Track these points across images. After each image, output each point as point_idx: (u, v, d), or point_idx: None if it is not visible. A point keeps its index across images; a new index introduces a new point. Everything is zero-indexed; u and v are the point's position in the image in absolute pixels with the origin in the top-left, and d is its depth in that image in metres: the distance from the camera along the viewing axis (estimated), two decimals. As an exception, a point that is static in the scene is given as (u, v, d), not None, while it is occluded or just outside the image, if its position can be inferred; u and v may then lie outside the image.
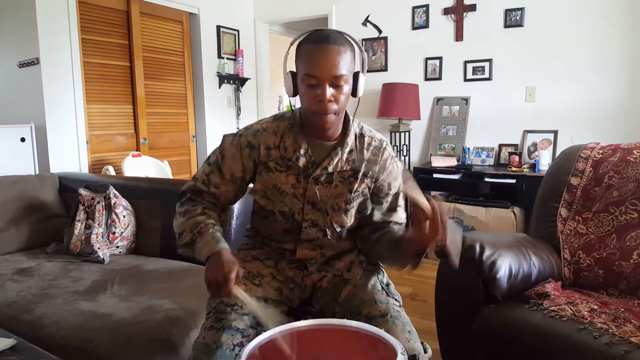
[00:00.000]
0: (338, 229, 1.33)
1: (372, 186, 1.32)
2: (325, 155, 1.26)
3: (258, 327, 1.19)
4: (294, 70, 1.22)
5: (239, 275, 1.10)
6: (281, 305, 1.31)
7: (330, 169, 1.26)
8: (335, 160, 1.26)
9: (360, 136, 1.31)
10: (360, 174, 1.28)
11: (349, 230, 1.36)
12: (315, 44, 1.15)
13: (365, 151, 1.30)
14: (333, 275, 1.34)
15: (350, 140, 1.28)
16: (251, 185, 1.33)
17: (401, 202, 1.37)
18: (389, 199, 1.34)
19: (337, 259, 1.38)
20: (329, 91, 1.14)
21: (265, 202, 1.31)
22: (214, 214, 1.29)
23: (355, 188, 1.28)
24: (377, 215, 1.35)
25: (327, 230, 1.32)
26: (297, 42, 1.23)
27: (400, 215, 1.37)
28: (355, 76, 1.21)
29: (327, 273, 1.35)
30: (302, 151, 1.25)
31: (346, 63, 1.15)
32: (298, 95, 1.22)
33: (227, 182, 1.30)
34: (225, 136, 1.33)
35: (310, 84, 1.15)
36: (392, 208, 1.35)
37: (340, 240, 1.36)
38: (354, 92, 1.23)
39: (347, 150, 1.27)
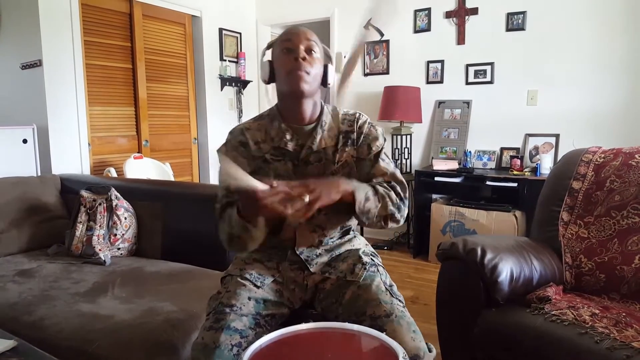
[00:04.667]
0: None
1: (355, 153, 1.38)
2: (309, 137, 1.35)
3: (257, 328, 1.20)
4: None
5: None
6: (282, 306, 1.31)
7: (314, 148, 1.34)
8: (318, 139, 1.34)
9: (335, 114, 1.41)
10: (340, 145, 1.36)
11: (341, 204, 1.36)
12: (289, 28, 1.32)
13: (340, 124, 1.39)
14: (336, 277, 1.35)
15: (327, 118, 1.38)
16: None
17: (384, 156, 1.39)
18: (372, 157, 1.38)
19: (339, 261, 1.38)
20: (303, 52, 1.27)
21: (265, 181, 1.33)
22: None
23: (337, 159, 1.35)
24: (362, 175, 1.37)
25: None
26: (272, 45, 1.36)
27: (382, 168, 1.37)
28: (325, 67, 1.34)
29: (330, 275, 1.35)
30: (288, 136, 1.34)
31: (317, 43, 1.31)
32: (275, 83, 1.34)
33: None
34: (218, 150, 1.39)
35: (286, 47, 1.28)
36: (374, 165, 1.37)
37: (337, 213, 1.35)
38: (324, 82, 1.35)
39: (326, 128, 1.37)
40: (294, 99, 1.31)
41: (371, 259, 1.39)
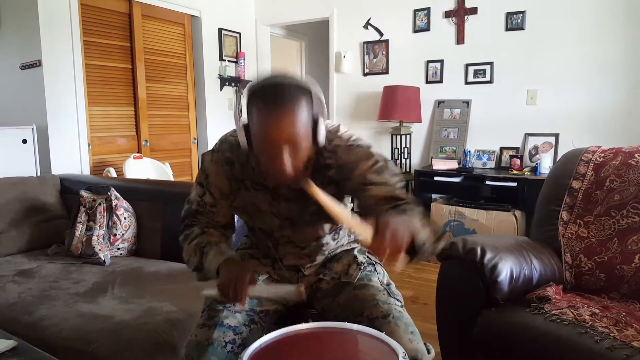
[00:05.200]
0: (314, 243, 1.31)
1: (338, 190, 1.19)
2: None
3: (251, 324, 1.20)
4: (246, 123, 1.11)
5: (253, 278, 1.07)
6: (276, 303, 1.30)
7: (294, 185, 1.16)
8: None
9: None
10: (319, 182, 1.15)
11: (324, 238, 1.33)
12: (266, 106, 1.03)
13: (321, 157, 1.19)
14: (331, 277, 1.34)
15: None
16: None
17: (374, 176, 1.15)
18: (358, 186, 1.16)
19: (334, 262, 1.37)
20: (286, 156, 1.04)
21: (247, 219, 1.32)
22: (215, 231, 1.28)
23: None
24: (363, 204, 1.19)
25: (302, 244, 1.31)
26: (247, 91, 1.11)
27: (375, 193, 1.14)
28: (315, 124, 1.08)
29: (324, 276, 1.35)
30: None
31: (302, 121, 1.03)
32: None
33: (218, 200, 1.27)
34: (204, 155, 1.31)
35: (264, 147, 1.06)
36: (364, 194, 1.17)
37: (319, 250, 1.34)
38: (314, 139, 1.09)
39: (310, 163, 1.16)
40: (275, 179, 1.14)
41: (367, 257, 1.37)
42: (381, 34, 4.24)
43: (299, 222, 1.27)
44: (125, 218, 2.32)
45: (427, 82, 4.06)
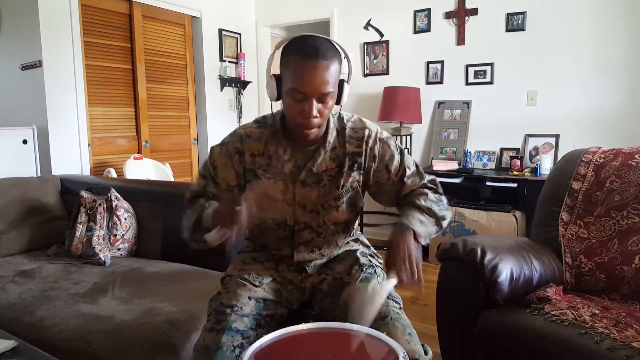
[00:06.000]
0: (332, 227, 1.34)
1: (364, 178, 1.31)
2: (309, 158, 1.27)
3: (258, 328, 1.20)
4: (278, 73, 1.19)
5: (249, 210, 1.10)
6: (280, 307, 1.31)
7: (314, 170, 1.27)
8: (319, 161, 1.27)
9: (342, 130, 1.29)
10: (345, 168, 1.28)
11: (343, 225, 1.38)
12: (304, 58, 1.11)
13: (347, 145, 1.28)
14: (333, 277, 1.35)
15: (332, 138, 1.28)
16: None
17: (408, 171, 1.32)
18: (395, 179, 1.32)
19: (336, 262, 1.38)
20: (316, 107, 1.13)
21: (258, 211, 1.33)
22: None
23: (342, 184, 1.29)
24: (390, 196, 1.35)
25: (320, 229, 1.33)
26: (282, 47, 1.19)
27: (410, 185, 1.33)
28: (341, 85, 1.19)
29: (326, 276, 1.36)
30: (286, 157, 1.26)
31: (333, 78, 1.13)
32: (281, 100, 1.21)
33: (223, 191, 1.32)
34: (212, 147, 1.35)
35: (296, 98, 1.13)
36: (402, 186, 1.33)
37: (335, 235, 1.37)
38: (337, 101, 1.21)
39: (329, 148, 1.27)
40: (299, 133, 1.22)
41: (369, 260, 1.39)
42: (381, 35, 4.25)
43: (317, 207, 1.30)
44: (125, 219, 2.32)
45: (428, 82, 4.06)
